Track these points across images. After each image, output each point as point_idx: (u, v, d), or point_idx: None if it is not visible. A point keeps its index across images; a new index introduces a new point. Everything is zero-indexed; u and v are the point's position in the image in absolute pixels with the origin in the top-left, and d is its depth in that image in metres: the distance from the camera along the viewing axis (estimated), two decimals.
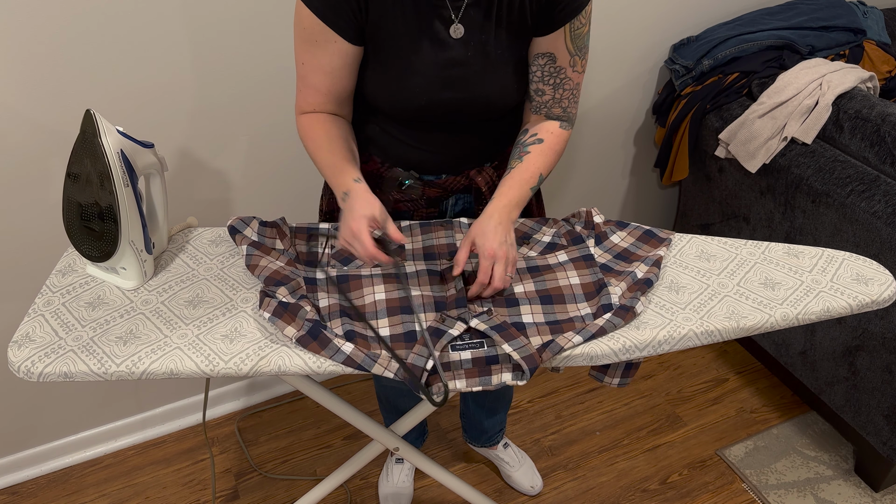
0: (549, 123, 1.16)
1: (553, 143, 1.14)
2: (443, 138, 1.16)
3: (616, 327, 1.01)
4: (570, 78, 1.12)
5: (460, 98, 1.09)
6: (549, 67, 1.10)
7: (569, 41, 1.08)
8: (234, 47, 1.46)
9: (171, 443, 1.93)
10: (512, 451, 1.81)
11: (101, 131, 1.00)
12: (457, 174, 1.21)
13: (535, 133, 1.15)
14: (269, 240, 1.17)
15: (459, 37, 1.05)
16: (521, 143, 1.15)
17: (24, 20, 1.27)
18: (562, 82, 1.12)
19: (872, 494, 1.76)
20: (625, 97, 1.99)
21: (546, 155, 1.13)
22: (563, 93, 1.14)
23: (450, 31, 1.04)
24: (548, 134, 1.15)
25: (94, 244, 1.06)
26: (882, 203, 1.50)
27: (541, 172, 1.13)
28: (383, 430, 1.31)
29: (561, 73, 1.11)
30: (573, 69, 1.11)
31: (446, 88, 1.07)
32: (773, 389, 2.05)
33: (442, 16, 1.03)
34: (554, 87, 1.13)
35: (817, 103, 1.66)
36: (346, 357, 0.96)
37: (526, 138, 1.15)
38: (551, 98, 1.14)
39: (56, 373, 0.96)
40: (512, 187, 1.10)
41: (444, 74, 1.06)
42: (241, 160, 1.62)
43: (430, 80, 1.06)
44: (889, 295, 1.07)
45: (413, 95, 1.08)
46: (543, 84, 1.12)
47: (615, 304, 1.04)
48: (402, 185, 1.20)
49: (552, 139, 1.14)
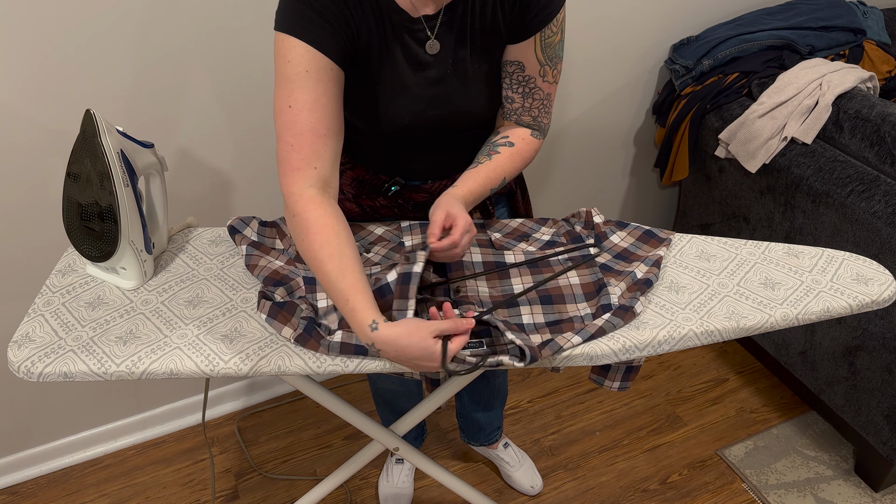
0: (520, 130, 1.14)
1: (522, 150, 1.12)
2: (427, 148, 1.15)
3: (615, 327, 1.01)
4: (540, 88, 1.10)
5: (444, 115, 1.08)
6: (518, 76, 1.09)
7: (538, 50, 1.06)
8: (234, 47, 1.46)
9: (170, 443, 1.93)
10: (512, 451, 1.81)
11: (101, 131, 1.00)
12: (443, 179, 1.21)
13: (506, 136, 1.13)
14: (268, 239, 1.17)
15: (436, 52, 1.03)
16: (491, 143, 1.13)
17: (24, 20, 1.27)
18: (531, 91, 1.10)
19: (872, 494, 1.76)
20: (625, 97, 1.99)
21: (514, 160, 1.11)
22: (533, 102, 1.11)
23: (426, 47, 1.03)
24: (519, 139, 1.12)
25: (94, 244, 1.06)
26: (882, 203, 1.50)
27: (505, 176, 1.11)
28: (383, 430, 1.31)
29: (530, 83, 1.09)
30: (543, 79, 1.09)
31: (428, 108, 1.06)
32: (773, 389, 2.05)
33: (417, 36, 1.02)
34: (523, 95, 1.11)
35: (817, 103, 1.66)
36: (339, 345, 0.96)
37: (497, 139, 1.13)
38: (521, 106, 1.12)
39: (56, 373, 0.96)
40: (476, 181, 1.07)
41: (424, 94, 1.05)
42: (241, 160, 1.62)
43: (412, 100, 1.05)
44: (889, 295, 1.07)
45: (396, 116, 1.06)
46: (512, 92, 1.11)
47: (615, 304, 1.04)
48: (389, 191, 1.20)
49: (523, 145, 1.12)
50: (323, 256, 0.92)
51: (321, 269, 0.93)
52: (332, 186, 0.98)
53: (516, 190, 1.33)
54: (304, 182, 0.95)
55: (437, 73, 1.05)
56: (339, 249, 0.92)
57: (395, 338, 0.88)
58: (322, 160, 0.96)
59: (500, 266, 1.12)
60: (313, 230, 0.93)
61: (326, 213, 0.94)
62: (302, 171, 0.95)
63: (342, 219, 0.96)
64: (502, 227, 1.22)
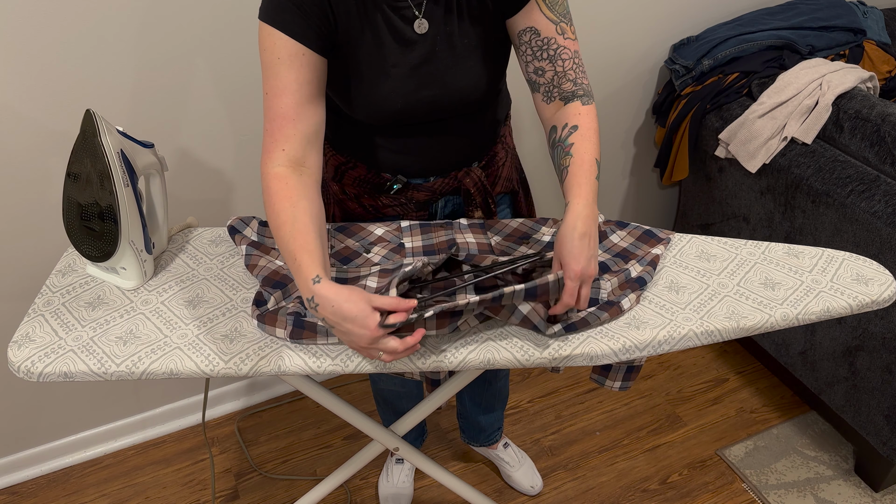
0: (570, 107, 1.05)
1: (589, 124, 1.04)
2: (426, 142, 1.15)
3: (600, 320, 1.00)
4: (565, 46, 1.04)
5: (434, 95, 1.07)
6: (536, 41, 1.04)
7: (545, 9, 1.03)
8: (234, 47, 1.46)
9: (171, 443, 1.93)
10: (512, 451, 1.81)
11: (101, 131, 1.00)
12: (444, 176, 1.21)
13: (564, 124, 1.05)
14: (268, 239, 1.17)
15: (424, 32, 1.03)
16: (558, 142, 1.05)
17: (24, 20, 1.27)
18: (557, 53, 1.04)
19: (872, 494, 1.76)
20: (625, 97, 1.99)
21: (590, 139, 1.03)
22: (565, 63, 1.05)
23: (414, 27, 1.02)
24: (577, 117, 1.04)
25: (94, 244, 1.06)
26: (882, 203, 1.50)
27: (595, 157, 1.03)
28: (383, 430, 1.31)
29: (552, 44, 1.04)
30: (563, 36, 1.03)
31: (419, 88, 1.06)
32: (773, 389, 2.05)
33: (404, 15, 1.02)
34: (551, 60, 1.04)
35: (817, 103, 1.66)
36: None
37: (560, 134, 1.05)
38: (554, 74, 1.05)
39: (56, 373, 0.96)
40: (581, 185, 1.00)
41: (415, 74, 1.05)
42: (241, 160, 1.62)
43: (403, 81, 1.05)
44: (889, 295, 1.07)
45: (388, 100, 1.06)
46: (539, 61, 1.05)
47: (602, 298, 1.04)
48: (391, 189, 1.20)
49: (584, 120, 1.04)
50: (278, 223, 0.97)
51: (278, 235, 0.97)
52: (306, 165, 1.01)
53: (518, 190, 1.33)
54: (273, 162, 1.00)
55: (425, 50, 1.04)
56: (292, 216, 0.96)
57: (334, 295, 0.89)
58: (291, 142, 1.00)
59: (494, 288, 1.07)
60: (272, 202, 0.98)
61: (287, 186, 0.98)
62: (272, 154, 1.00)
63: (305, 192, 0.99)
64: (503, 227, 1.22)
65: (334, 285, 0.90)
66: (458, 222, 1.21)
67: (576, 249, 0.95)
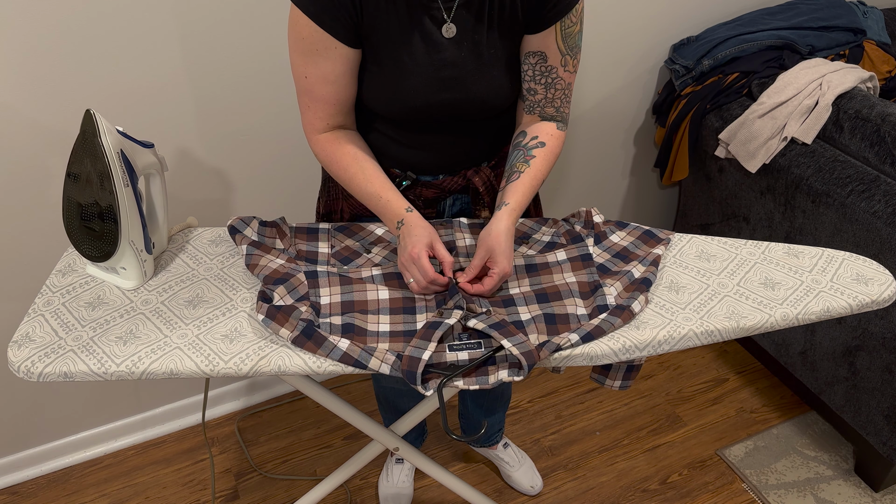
0: (547, 125, 1.16)
1: (554, 147, 1.15)
2: (439, 139, 1.16)
3: (614, 326, 1.01)
4: (562, 77, 1.12)
5: (455, 99, 1.09)
6: (541, 66, 1.11)
7: (559, 40, 1.08)
8: (234, 47, 1.46)
9: (171, 443, 1.93)
10: (512, 451, 1.81)
11: (101, 131, 1.00)
12: (454, 175, 1.21)
13: (535, 136, 1.15)
14: (268, 239, 1.17)
15: (451, 36, 1.05)
16: (523, 146, 1.15)
17: (23, 20, 1.27)
18: (553, 82, 1.12)
19: (872, 494, 1.76)
20: (625, 97, 1.99)
21: (549, 160, 1.15)
22: (556, 92, 1.14)
23: (442, 30, 1.04)
24: (548, 137, 1.15)
25: (94, 244, 1.06)
26: (882, 203, 1.50)
27: (544, 177, 1.15)
28: (383, 430, 1.31)
29: (552, 73, 1.11)
30: (564, 69, 1.11)
31: (441, 90, 1.07)
32: (773, 389, 2.05)
33: (434, 16, 1.03)
34: (546, 86, 1.13)
35: (817, 103, 1.66)
36: (342, 354, 0.96)
37: (527, 141, 1.15)
38: (543, 97, 1.14)
39: (56, 373, 0.96)
40: (524, 194, 1.11)
41: (438, 76, 1.06)
42: (240, 160, 1.62)
43: (425, 81, 1.07)
44: (889, 295, 1.07)
45: (408, 97, 1.08)
46: (535, 83, 1.13)
47: (611, 304, 1.04)
48: (400, 186, 1.20)
49: (553, 142, 1.15)
50: (349, 176, 1.12)
51: (352, 185, 1.12)
52: (346, 126, 1.15)
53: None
54: (317, 130, 1.13)
55: (450, 55, 1.06)
56: (359, 167, 1.12)
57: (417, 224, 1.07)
58: (334, 118, 1.12)
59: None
60: (333, 160, 1.13)
61: (341, 145, 1.12)
62: (314, 124, 1.12)
63: (359, 143, 1.14)
64: None
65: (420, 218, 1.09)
66: (459, 221, 1.21)
67: (509, 249, 1.06)
